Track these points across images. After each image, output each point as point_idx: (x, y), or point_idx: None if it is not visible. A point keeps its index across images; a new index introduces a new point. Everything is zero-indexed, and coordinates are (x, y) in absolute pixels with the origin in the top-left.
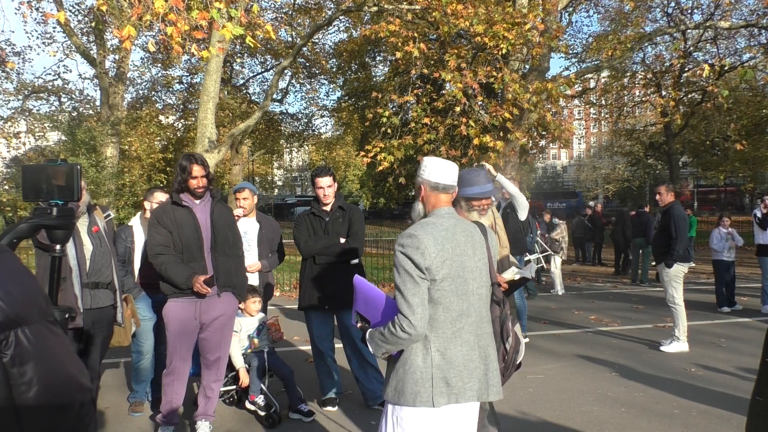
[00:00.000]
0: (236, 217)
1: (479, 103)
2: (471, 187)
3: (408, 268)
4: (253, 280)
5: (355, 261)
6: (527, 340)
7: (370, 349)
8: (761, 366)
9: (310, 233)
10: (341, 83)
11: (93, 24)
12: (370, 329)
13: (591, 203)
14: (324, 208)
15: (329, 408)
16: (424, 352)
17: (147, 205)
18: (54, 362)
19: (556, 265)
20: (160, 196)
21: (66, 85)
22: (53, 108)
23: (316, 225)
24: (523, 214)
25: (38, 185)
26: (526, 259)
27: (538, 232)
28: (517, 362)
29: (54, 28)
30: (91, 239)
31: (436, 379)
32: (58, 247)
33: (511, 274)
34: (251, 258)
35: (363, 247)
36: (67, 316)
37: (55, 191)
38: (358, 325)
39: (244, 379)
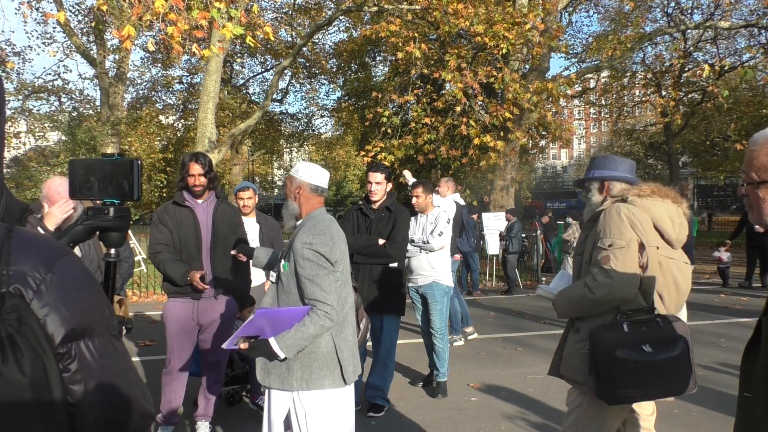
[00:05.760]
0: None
1: (479, 103)
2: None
3: (321, 263)
4: (258, 279)
5: (395, 265)
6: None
7: (281, 354)
8: (747, 361)
9: (354, 230)
10: (341, 83)
11: (93, 24)
12: (272, 337)
13: None
14: (372, 206)
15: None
16: (326, 338)
17: None
18: (116, 382)
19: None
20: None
21: (66, 85)
22: (53, 108)
23: (361, 222)
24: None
25: (89, 181)
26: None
27: (539, 232)
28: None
29: (54, 28)
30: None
31: (342, 360)
32: (113, 251)
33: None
34: None
35: (404, 252)
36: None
37: (110, 189)
38: (242, 345)
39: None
